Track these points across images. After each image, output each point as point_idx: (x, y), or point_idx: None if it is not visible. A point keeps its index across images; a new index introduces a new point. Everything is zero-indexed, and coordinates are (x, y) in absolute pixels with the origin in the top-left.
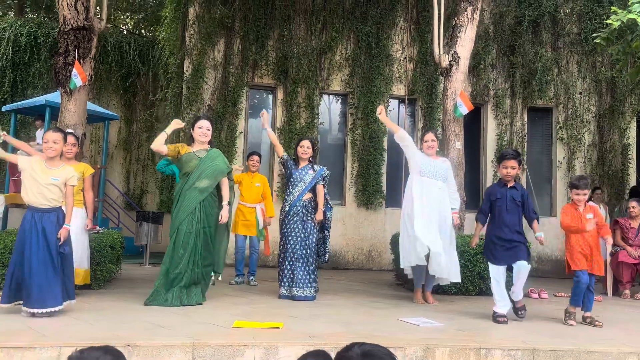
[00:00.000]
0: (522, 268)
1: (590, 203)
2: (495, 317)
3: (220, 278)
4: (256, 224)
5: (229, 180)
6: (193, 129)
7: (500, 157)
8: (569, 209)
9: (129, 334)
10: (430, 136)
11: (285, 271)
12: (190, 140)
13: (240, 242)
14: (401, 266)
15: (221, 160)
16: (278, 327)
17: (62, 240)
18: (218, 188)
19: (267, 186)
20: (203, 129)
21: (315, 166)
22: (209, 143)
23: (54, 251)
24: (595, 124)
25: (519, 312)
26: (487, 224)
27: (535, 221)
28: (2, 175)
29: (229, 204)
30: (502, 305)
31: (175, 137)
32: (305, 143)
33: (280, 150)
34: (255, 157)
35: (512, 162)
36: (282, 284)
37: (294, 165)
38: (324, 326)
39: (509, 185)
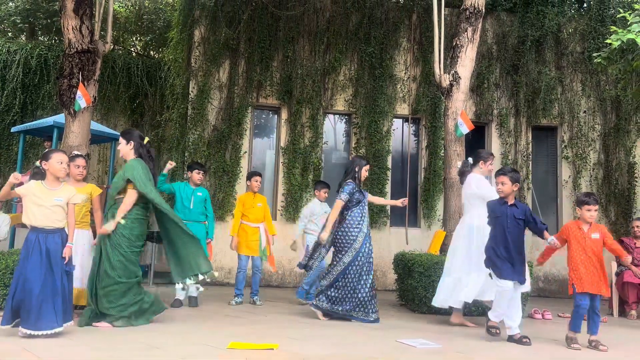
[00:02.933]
0: (518, 290)
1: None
2: (487, 325)
3: (216, 274)
4: (259, 244)
5: (137, 191)
6: None
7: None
8: (572, 228)
9: (123, 356)
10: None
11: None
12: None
13: (243, 262)
14: (436, 305)
15: (120, 173)
16: (273, 349)
17: (67, 258)
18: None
19: (267, 207)
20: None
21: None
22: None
23: (57, 272)
24: (601, 142)
25: (523, 340)
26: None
27: (545, 231)
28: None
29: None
30: (498, 314)
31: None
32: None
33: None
34: (259, 178)
35: (502, 178)
36: (372, 310)
37: (356, 189)
38: (320, 348)
39: (509, 203)
